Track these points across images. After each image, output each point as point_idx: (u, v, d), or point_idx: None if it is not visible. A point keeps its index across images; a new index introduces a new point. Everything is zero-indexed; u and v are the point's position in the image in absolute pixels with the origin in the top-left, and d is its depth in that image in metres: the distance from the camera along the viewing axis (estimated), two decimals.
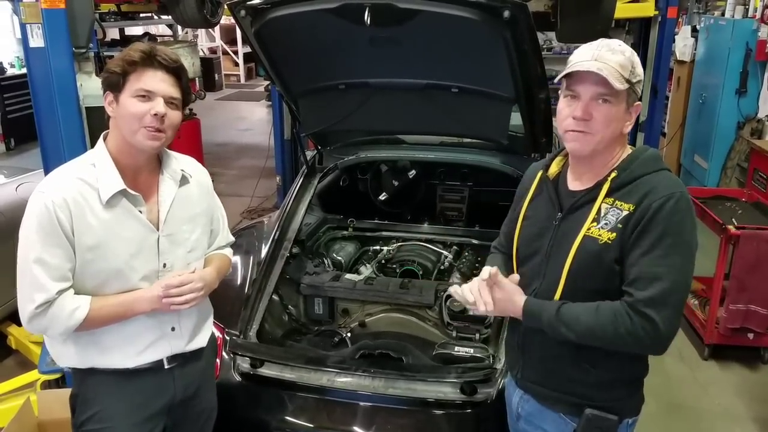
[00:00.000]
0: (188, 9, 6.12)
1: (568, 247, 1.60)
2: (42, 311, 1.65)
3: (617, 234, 1.54)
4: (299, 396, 2.35)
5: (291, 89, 3.11)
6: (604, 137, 1.56)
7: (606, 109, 1.54)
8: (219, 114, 12.18)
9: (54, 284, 1.64)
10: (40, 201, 1.65)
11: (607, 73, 1.49)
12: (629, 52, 1.56)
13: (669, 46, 5.80)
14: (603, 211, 1.58)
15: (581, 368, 1.65)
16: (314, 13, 2.50)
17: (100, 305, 1.70)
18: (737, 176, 6.03)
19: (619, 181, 1.58)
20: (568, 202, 1.67)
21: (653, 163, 1.61)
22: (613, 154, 1.62)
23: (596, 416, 1.64)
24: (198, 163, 2.01)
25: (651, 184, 1.55)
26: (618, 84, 1.50)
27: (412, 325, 2.98)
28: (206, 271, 1.88)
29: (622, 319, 1.49)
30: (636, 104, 1.59)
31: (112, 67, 1.70)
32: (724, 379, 3.82)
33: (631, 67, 1.54)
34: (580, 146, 1.59)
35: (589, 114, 1.55)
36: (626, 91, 1.54)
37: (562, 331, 1.56)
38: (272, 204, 6.70)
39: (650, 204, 1.51)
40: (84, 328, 1.71)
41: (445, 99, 2.92)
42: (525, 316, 1.63)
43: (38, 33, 3.05)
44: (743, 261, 3.69)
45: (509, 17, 2.28)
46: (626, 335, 1.49)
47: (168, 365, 1.87)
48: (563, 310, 1.56)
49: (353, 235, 3.69)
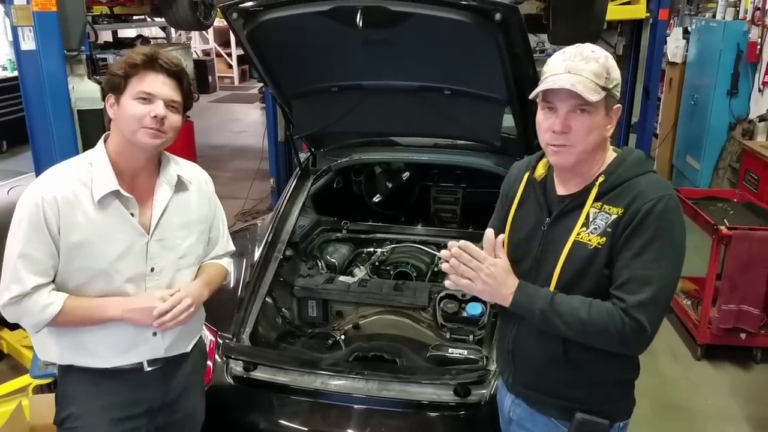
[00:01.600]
0: (181, 11, 6.11)
1: (558, 253, 1.60)
2: (15, 302, 1.68)
3: (607, 238, 1.54)
4: (293, 399, 2.35)
5: (284, 91, 3.11)
6: (587, 147, 1.55)
7: (585, 119, 1.52)
8: (213, 116, 12.15)
9: (32, 279, 1.66)
10: (31, 196, 1.67)
11: (581, 88, 1.47)
12: (603, 58, 1.52)
13: (661, 48, 5.84)
14: (592, 216, 1.57)
15: (570, 372, 1.64)
16: (306, 15, 2.50)
17: (75, 305, 1.71)
18: (729, 177, 6.06)
19: (607, 186, 1.58)
20: (556, 207, 1.66)
21: (640, 165, 1.60)
22: (597, 158, 1.61)
23: (587, 420, 1.64)
24: (201, 170, 2.01)
25: (639, 186, 1.55)
26: (593, 96, 1.47)
27: (406, 327, 2.98)
28: (193, 286, 1.86)
29: (613, 319, 1.49)
30: (615, 107, 1.56)
31: (115, 70, 1.72)
32: (717, 379, 3.83)
33: (606, 73, 1.50)
34: (563, 160, 1.58)
35: (568, 127, 1.52)
36: (603, 98, 1.51)
37: (553, 320, 1.53)
38: (266, 206, 6.69)
39: (640, 207, 1.51)
40: (58, 325, 1.72)
41: (438, 101, 2.92)
42: (516, 298, 1.57)
43: (30, 36, 3.05)
44: (735, 261, 3.71)
45: (501, 20, 2.29)
46: (615, 335, 1.49)
47: (148, 368, 1.86)
48: (558, 300, 1.54)
49: (347, 237, 3.69)
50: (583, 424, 1.64)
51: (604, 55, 1.54)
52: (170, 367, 1.91)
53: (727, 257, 3.75)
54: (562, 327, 1.54)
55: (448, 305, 2.86)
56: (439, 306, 2.88)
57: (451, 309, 2.85)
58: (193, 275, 1.92)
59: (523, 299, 1.57)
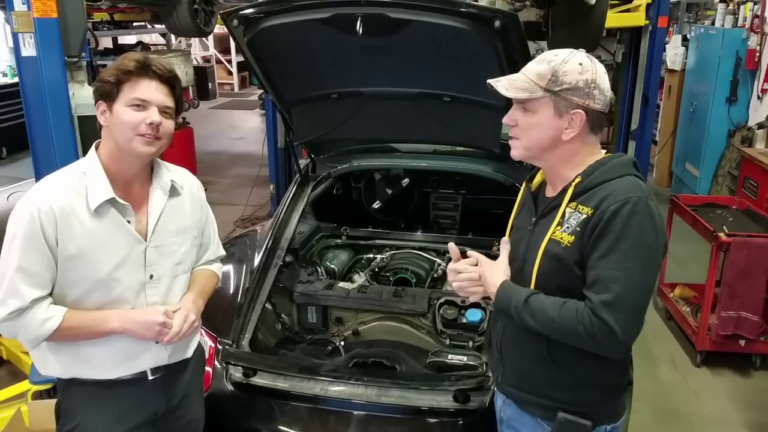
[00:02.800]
0: (182, 18, 6.15)
1: (537, 251, 1.64)
2: (14, 317, 1.63)
3: (575, 237, 1.57)
4: (292, 405, 2.34)
5: (284, 98, 3.12)
6: (531, 143, 1.62)
7: (524, 116, 1.61)
8: (212, 123, 12.18)
9: (30, 292, 1.63)
10: (27, 208, 1.64)
11: (505, 84, 1.60)
12: (558, 62, 1.55)
13: (660, 55, 5.87)
14: (567, 215, 1.61)
15: (555, 371, 1.66)
16: (306, 23, 2.51)
17: (74, 318, 1.68)
18: (728, 184, 6.08)
19: (583, 186, 1.60)
20: (540, 208, 1.72)
21: (618, 168, 1.61)
22: (571, 161, 1.63)
23: (569, 420, 1.64)
24: (191, 175, 1.99)
25: (611, 189, 1.56)
26: (514, 93, 1.58)
27: (406, 333, 2.98)
28: (190, 301, 1.86)
29: (582, 318, 1.51)
30: (573, 111, 1.56)
31: (106, 77, 1.69)
32: (717, 385, 3.83)
33: (552, 75, 1.54)
34: (513, 151, 1.68)
35: (514, 120, 1.64)
36: (549, 99, 1.56)
37: (525, 318, 1.58)
38: (266, 212, 6.70)
39: (606, 208, 1.52)
40: (56, 339, 1.70)
41: (437, 108, 2.93)
42: (497, 296, 1.66)
43: (30, 42, 3.06)
44: (734, 268, 3.71)
45: (500, 27, 2.30)
46: (585, 335, 1.51)
47: (152, 376, 1.85)
48: (532, 300, 1.59)
49: (346, 243, 3.69)
50: (564, 424, 1.65)
51: (561, 60, 1.56)
52: (172, 374, 1.91)
53: (726, 264, 3.76)
54: (534, 325, 1.58)
55: (448, 311, 2.86)
56: (438, 312, 2.88)
57: (451, 315, 2.85)
58: (187, 281, 1.92)
59: (503, 296, 1.66)
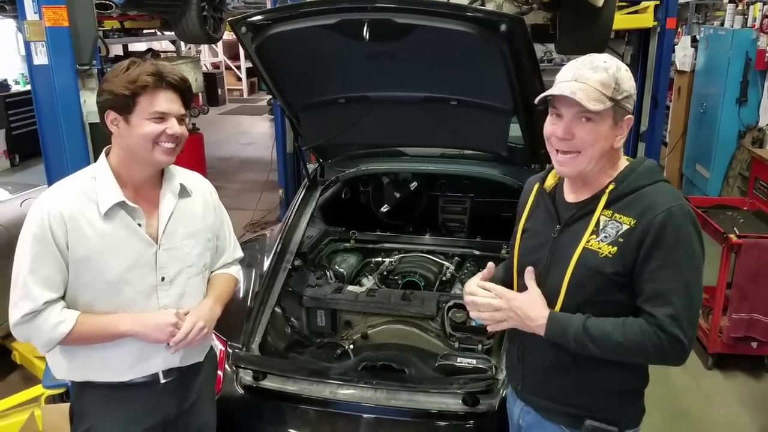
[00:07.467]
0: (191, 25, 6.20)
1: (567, 260, 1.60)
2: (27, 320, 1.66)
3: (618, 248, 1.54)
4: (302, 408, 2.35)
5: (292, 103, 3.14)
6: (592, 156, 1.55)
7: (589, 128, 1.53)
8: (222, 128, 12.24)
9: (42, 294, 1.65)
10: (38, 212, 1.67)
11: (581, 96, 1.48)
12: (614, 68, 1.52)
13: (669, 57, 5.83)
14: (602, 224, 1.58)
15: (578, 378, 1.65)
16: (313, 29, 2.53)
17: (86, 322, 1.70)
18: (739, 185, 6.03)
19: (617, 193, 1.58)
20: (566, 214, 1.67)
21: (651, 174, 1.61)
22: (608, 167, 1.61)
23: (596, 428, 1.64)
24: (205, 180, 2.02)
25: (650, 197, 1.55)
26: (594, 105, 1.48)
27: (415, 337, 2.98)
28: (205, 307, 1.87)
29: (650, 337, 1.49)
30: (626, 118, 1.56)
31: (118, 90, 1.67)
32: (728, 388, 3.81)
33: (615, 83, 1.50)
34: (568, 170, 1.61)
35: (571, 134, 1.55)
36: (611, 108, 1.52)
37: (589, 345, 1.53)
38: (275, 217, 6.72)
39: (653, 219, 1.51)
40: (69, 343, 1.72)
41: (444, 111, 2.94)
42: (548, 330, 1.58)
43: (42, 50, 3.10)
44: (745, 270, 3.69)
45: (506, 31, 2.31)
46: (654, 353, 1.50)
47: (164, 379, 1.87)
48: (589, 325, 1.54)
49: (355, 247, 3.70)
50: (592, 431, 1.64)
51: (615, 66, 1.53)
52: (185, 378, 1.92)
53: (737, 266, 3.73)
54: (597, 352, 1.54)
55: (457, 314, 2.86)
56: (447, 315, 2.88)
57: (460, 318, 2.85)
58: (204, 282, 1.94)
59: (555, 330, 1.58)
